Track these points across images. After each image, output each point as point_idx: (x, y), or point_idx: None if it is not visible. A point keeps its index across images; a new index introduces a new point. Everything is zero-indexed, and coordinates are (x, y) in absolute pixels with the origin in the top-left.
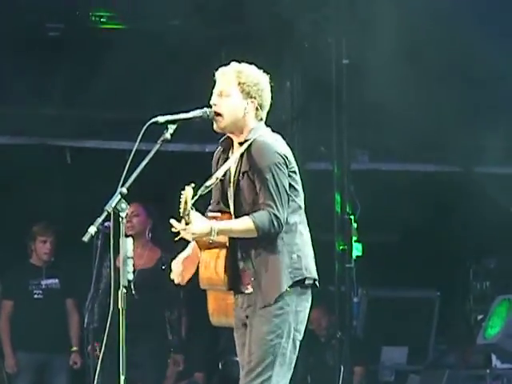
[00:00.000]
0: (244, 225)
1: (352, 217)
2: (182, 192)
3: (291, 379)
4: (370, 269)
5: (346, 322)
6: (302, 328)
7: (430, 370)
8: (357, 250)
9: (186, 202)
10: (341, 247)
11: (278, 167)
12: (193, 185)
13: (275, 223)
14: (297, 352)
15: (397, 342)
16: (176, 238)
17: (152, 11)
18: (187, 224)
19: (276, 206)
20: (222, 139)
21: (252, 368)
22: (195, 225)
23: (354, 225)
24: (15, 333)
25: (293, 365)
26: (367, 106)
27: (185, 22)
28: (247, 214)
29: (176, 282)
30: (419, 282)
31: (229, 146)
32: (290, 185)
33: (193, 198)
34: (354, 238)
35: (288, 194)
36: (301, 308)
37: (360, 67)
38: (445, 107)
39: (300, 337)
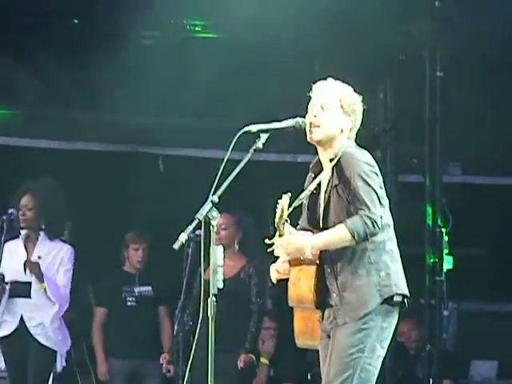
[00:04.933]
0: (338, 233)
1: (443, 229)
2: (279, 200)
3: None
4: (461, 282)
5: (436, 335)
6: (386, 344)
7: None
8: (448, 263)
9: (282, 210)
10: (431, 260)
11: (367, 174)
12: (289, 194)
13: (369, 224)
14: (378, 368)
15: (486, 356)
16: (269, 250)
17: (247, 21)
18: (280, 236)
19: (368, 207)
20: (312, 164)
21: (330, 380)
22: (290, 238)
23: (445, 238)
24: (108, 340)
25: (374, 380)
26: (461, 119)
27: (279, 33)
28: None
29: (273, 276)
30: (510, 296)
31: (319, 169)
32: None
33: (288, 209)
34: (445, 251)
35: (378, 197)
36: (386, 324)
37: (454, 80)
38: None
39: (383, 353)
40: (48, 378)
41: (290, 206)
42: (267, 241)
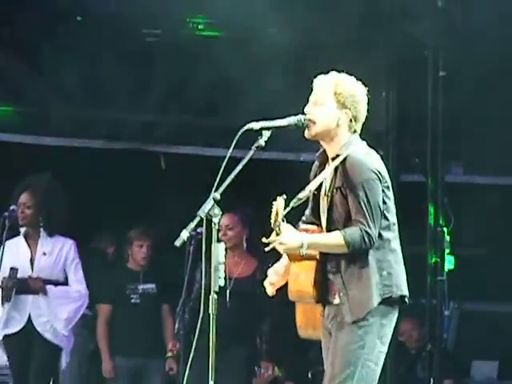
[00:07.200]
0: (335, 240)
1: (445, 229)
2: (274, 203)
3: None
4: (462, 282)
5: (437, 335)
6: (387, 340)
7: None
8: (449, 262)
9: (277, 213)
10: (433, 260)
11: (371, 184)
12: (284, 196)
13: (366, 240)
14: (381, 364)
15: (487, 357)
16: (267, 249)
17: (250, 19)
18: (277, 235)
19: (367, 222)
20: (317, 154)
21: (333, 377)
22: (286, 236)
23: (447, 237)
24: (112, 337)
25: (376, 376)
26: (463, 119)
27: (282, 32)
28: (338, 229)
29: (269, 291)
30: (511, 296)
31: (325, 160)
32: (383, 201)
33: (284, 209)
34: (447, 251)
35: (381, 211)
36: (386, 321)
37: (456, 79)
38: None
39: (384, 349)
40: (54, 374)
41: (287, 205)
42: (264, 240)
